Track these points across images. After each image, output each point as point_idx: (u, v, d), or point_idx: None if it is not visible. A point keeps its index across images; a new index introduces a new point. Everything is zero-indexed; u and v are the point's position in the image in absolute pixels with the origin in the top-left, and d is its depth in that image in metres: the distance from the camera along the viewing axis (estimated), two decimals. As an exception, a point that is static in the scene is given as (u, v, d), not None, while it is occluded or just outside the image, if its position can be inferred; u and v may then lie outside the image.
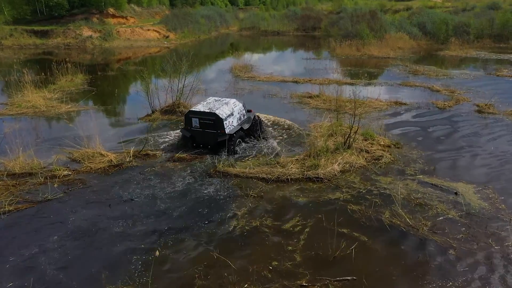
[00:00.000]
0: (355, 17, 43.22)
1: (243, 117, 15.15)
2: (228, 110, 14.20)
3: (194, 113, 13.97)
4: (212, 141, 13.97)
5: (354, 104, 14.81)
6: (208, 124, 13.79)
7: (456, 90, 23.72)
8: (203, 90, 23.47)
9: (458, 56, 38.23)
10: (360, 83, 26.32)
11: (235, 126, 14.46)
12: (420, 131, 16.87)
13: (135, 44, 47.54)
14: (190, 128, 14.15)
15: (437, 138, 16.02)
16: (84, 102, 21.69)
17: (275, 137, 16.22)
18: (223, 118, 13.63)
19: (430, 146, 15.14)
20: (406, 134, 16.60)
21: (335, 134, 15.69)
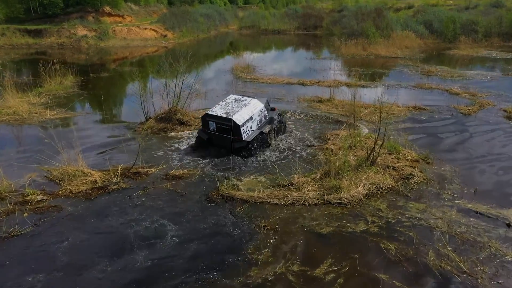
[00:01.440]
0: (360, 15, 40.98)
1: (264, 118, 13.97)
2: (247, 114, 13.03)
3: (210, 116, 12.97)
4: (228, 145, 12.93)
5: (380, 113, 12.61)
6: (225, 129, 12.81)
7: (476, 93, 21.56)
8: (203, 93, 21.28)
9: (469, 56, 36.08)
10: (371, 85, 24.17)
11: (255, 130, 13.34)
12: (448, 141, 14.74)
13: (131, 43, 45.23)
14: (207, 130, 13.22)
15: (470, 150, 13.87)
16: (71, 108, 19.44)
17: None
18: (240, 124, 12.53)
19: (465, 160, 13.00)
20: (434, 145, 14.45)
21: (355, 146, 13.54)
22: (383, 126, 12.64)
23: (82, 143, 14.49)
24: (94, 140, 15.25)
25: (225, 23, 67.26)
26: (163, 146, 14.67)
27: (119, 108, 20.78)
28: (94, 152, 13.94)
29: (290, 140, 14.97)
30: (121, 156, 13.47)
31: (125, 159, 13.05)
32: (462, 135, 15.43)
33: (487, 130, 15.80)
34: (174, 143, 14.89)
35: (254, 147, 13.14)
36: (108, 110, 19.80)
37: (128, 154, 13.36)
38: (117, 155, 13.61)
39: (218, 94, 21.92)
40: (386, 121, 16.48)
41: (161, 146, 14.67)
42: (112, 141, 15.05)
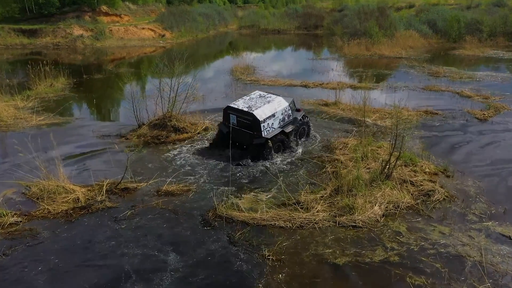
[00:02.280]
0: (362, 14, 39.62)
1: (287, 118, 13.29)
2: (269, 110, 12.52)
3: (232, 109, 12.53)
4: (247, 141, 12.51)
5: (396, 122, 11.26)
6: (245, 123, 12.36)
7: (489, 96, 20.25)
8: (200, 97, 19.94)
9: (475, 56, 34.79)
10: (377, 87, 22.84)
11: (276, 128, 12.74)
12: (466, 150, 13.43)
13: (128, 43, 43.84)
14: (228, 124, 12.68)
15: (493, 161, 12.56)
16: (60, 113, 18.08)
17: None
18: (260, 120, 12.06)
19: (488, 173, 11.69)
20: (451, 154, 13.14)
21: (366, 157, 12.22)
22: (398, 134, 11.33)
23: (66, 153, 13.19)
24: (81, 149, 13.90)
25: (224, 22, 65.84)
26: (156, 156, 13.35)
27: (111, 113, 19.36)
28: (79, 163, 12.61)
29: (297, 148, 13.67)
30: (109, 168, 12.15)
31: (114, 171, 11.73)
32: (481, 143, 14.11)
33: (507, 138, 14.47)
34: (168, 152, 13.57)
35: (271, 147, 12.52)
36: (98, 115, 18.47)
37: (117, 165, 12.04)
38: (104, 167, 12.29)
39: (217, 97, 20.61)
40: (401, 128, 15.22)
41: (154, 156, 13.35)
42: (101, 151, 13.70)
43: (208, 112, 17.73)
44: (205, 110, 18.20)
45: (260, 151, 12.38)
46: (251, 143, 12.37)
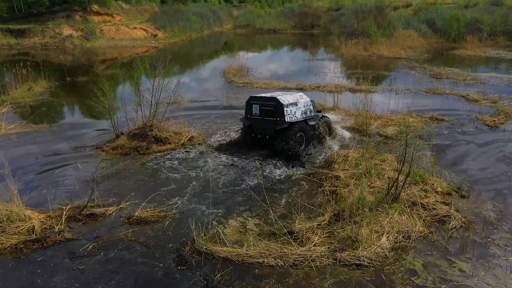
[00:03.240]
0: (360, 13, 38.09)
1: (309, 112, 13.13)
2: (291, 99, 12.47)
3: (255, 98, 12.63)
4: (270, 130, 12.32)
5: (406, 134, 9.65)
6: (268, 110, 12.25)
7: (498, 100, 18.78)
8: (188, 102, 18.36)
9: (476, 56, 33.38)
10: (378, 90, 21.32)
11: (298, 117, 12.57)
12: (479, 164, 11.89)
13: (119, 43, 42.20)
14: (250, 116, 12.69)
15: (510, 177, 11.01)
16: (33, 120, 16.45)
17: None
18: (284, 104, 11.98)
19: (509, 192, 10.13)
20: (464, 169, 11.60)
21: (369, 173, 10.66)
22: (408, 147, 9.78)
23: (29, 169, 11.56)
24: (47, 163, 12.27)
25: (219, 22, 64.33)
26: (133, 171, 11.76)
27: (89, 121, 17.63)
28: (42, 181, 10.99)
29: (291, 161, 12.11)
30: (77, 187, 10.53)
31: (83, 191, 10.14)
32: (495, 154, 12.57)
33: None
34: (147, 166, 11.99)
35: (295, 134, 12.18)
36: (75, 123, 16.81)
37: (87, 184, 10.43)
38: (72, 186, 10.67)
39: (205, 102, 19.03)
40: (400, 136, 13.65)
41: (130, 171, 11.76)
42: (70, 165, 12.09)
43: (195, 119, 16.16)
44: (192, 116, 16.65)
45: (284, 139, 12.01)
46: (275, 131, 12.11)
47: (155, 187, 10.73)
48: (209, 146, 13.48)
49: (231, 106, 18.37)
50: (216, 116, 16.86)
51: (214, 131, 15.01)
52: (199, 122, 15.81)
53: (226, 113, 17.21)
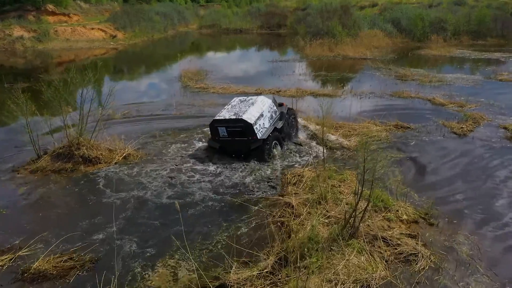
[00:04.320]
0: (325, 13, 36.82)
1: (274, 114, 12.70)
2: (256, 111, 11.79)
3: (219, 122, 11.58)
4: (244, 149, 11.69)
5: (364, 158, 8.09)
6: (237, 132, 11.49)
7: (465, 103, 17.67)
8: (129, 112, 16.39)
9: (441, 56, 32.64)
10: (341, 94, 19.91)
11: (268, 127, 12.07)
12: (450, 182, 10.53)
13: (74, 45, 39.35)
14: (218, 138, 11.80)
15: (483, 199, 9.65)
16: None
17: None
18: (252, 123, 11.26)
19: (482, 219, 8.74)
20: (432, 187, 10.23)
21: (325, 199, 9.07)
22: (367, 169, 8.23)
23: None
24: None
25: (184, 22, 61.98)
26: (53, 200, 9.80)
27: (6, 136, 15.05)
28: None
29: (237, 180, 10.41)
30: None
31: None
32: (465, 168, 11.26)
33: (496, 164, 11.61)
34: (70, 192, 10.04)
35: (270, 146, 11.85)
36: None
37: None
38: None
39: (153, 111, 17.08)
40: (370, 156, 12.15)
41: (49, 200, 9.79)
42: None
43: (136, 133, 14.20)
44: (134, 129, 14.69)
45: (259, 154, 11.60)
46: (249, 149, 11.52)
47: (77, 219, 8.86)
48: (147, 164, 11.62)
49: (181, 115, 16.49)
50: (162, 128, 14.93)
51: (157, 146, 13.11)
52: (141, 135, 13.85)
53: (174, 124, 15.32)
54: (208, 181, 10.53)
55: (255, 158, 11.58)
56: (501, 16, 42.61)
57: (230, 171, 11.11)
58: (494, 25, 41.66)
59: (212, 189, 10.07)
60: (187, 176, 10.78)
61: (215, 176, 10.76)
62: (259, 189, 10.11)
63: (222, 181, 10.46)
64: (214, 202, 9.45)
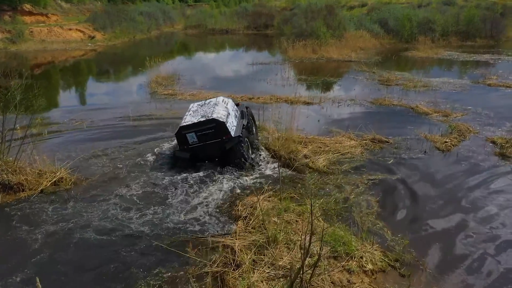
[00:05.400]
0: (309, 13, 35.15)
1: (237, 113, 12.22)
2: (223, 110, 11.25)
3: (187, 128, 10.72)
4: (218, 152, 10.90)
5: (311, 213, 6.35)
6: (209, 134, 10.74)
7: (450, 112, 16.10)
8: (81, 122, 14.60)
9: (429, 58, 31.15)
10: (318, 101, 18.25)
11: (237, 125, 11.49)
12: (430, 212, 8.90)
13: (49, 46, 37.34)
14: (188, 146, 10.84)
15: (471, 235, 8.02)
16: None
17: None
18: (224, 121, 10.64)
19: (470, 272, 7.09)
20: (408, 219, 8.58)
21: (276, 241, 7.39)
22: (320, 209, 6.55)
23: None
24: None
25: (170, 22, 60.04)
26: None
27: None
28: None
29: (181, 215, 8.70)
30: None
31: None
32: (448, 199, 9.59)
33: (484, 185, 10.03)
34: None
35: (245, 144, 11.16)
36: None
37: None
38: None
39: (106, 122, 15.30)
40: (330, 169, 10.46)
41: None
42: None
43: (79, 150, 12.41)
44: (78, 144, 12.90)
45: (235, 154, 10.79)
46: (224, 151, 10.73)
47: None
48: (80, 191, 9.87)
49: (137, 126, 14.69)
50: (112, 142, 13.16)
51: (99, 166, 11.35)
52: (82, 153, 12.08)
53: (127, 137, 13.55)
54: (152, 213, 8.81)
55: (232, 165, 10.84)
56: (490, 16, 41.22)
57: (182, 198, 9.40)
58: (483, 25, 40.30)
59: (153, 225, 8.35)
60: (125, 207, 9.05)
61: (161, 207, 9.03)
62: (204, 224, 8.39)
63: (167, 215, 8.73)
64: (146, 246, 7.72)
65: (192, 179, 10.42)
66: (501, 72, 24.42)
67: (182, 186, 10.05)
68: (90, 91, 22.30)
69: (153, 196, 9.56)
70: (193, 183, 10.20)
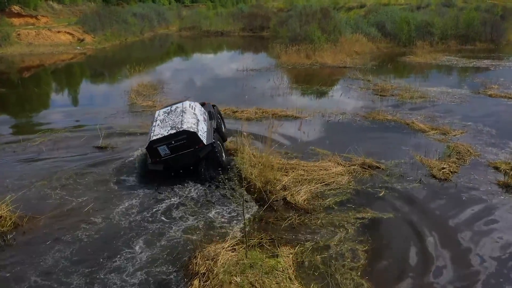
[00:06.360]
0: (304, 16, 33.64)
1: (205, 115, 11.85)
2: (192, 118, 10.81)
3: (157, 141, 10.23)
4: (192, 161, 10.49)
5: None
6: (181, 145, 10.28)
7: (448, 129, 14.65)
8: (43, 141, 13.16)
9: (427, 63, 29.69)
10: (307, 115, 16.81)
11: (207, 130, 11.10)
12: (428, 276, 7.41)
13: (36, 50, 35.84)
14: (160, 159, 10.37)
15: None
16: None
17: None
18: (195, 130, 10.27)
19: None
20: (401, 282, 7.12)
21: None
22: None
23: None
24: None
25: (165, 23, 58.54)
26: None
27: None
28: None
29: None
30: None
31: None
32: (448, 242, 8.16)
33: (491, 234, 8.51)
34: None
35: (219, 149, 11.04)
36: None
37: None
38: None
39: (69, 141, 13.84)
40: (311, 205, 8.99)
41: None
42: None
43: (33, 178, 10.97)
44: (32, 171, 11.45)
45: (211, 159, 10.68)
46: (199, 158, 10.50)
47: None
48: (21, 235, 8.45)
49: (104, 151, 13.20)
50: (74, 168, 11.71)
51: (55, 199, 9.91)
52: (36, 181, 10.65)
53: (90, 165, 12.07)
54: (103, 270, 7.39)
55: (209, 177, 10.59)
56: (490, 19, 39.75)
57: (141, 245, 7.99)
58: (483, 28, 38.86)
59: (103, 285, 6.93)
60: (74, 260, 7.63)
61: (116, 260, 7.59)
62: (158, 284, 6.97)
63: (122, 272, 7.32)
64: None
65: (159, 214, 9.14)
66: (502, 80, 23.00)
67: (147, 227, 8.65)
68: (59, 104, 20.61)
69: (110, 242, 8.11)
70: (158, 221, 8.83)
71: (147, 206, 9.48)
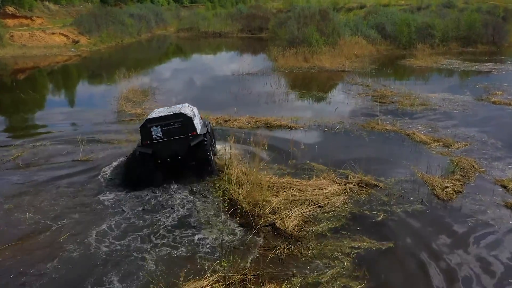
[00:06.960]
0: (302, 18, 32.70)
1: (201, 121, 11.72)
2: (190, 110, 10.94)
3: (154, 120, 10.34)
4: (183, 148, 10.46)
5: None
6: (175, 129, 10.40)
7: (451, 142, 13.74)
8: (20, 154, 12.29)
9: (428, 67, 28.78)
10: (303, 125, 15.91)
11: (201, 127, 11.17)
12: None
13: (29, 52, 34.94)
14: (151, 141, 10.30)
15: None
16: None
17: None
18: (191, 116, 10.51)
19: None
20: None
21: None
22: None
23: None
24: None
25: (163, 24, 57.62)
26: None
27: None
28: None
29: None
30: None
31: None
32: (455, 278, 7.27)
33: (503, 271, 7.63)
34: None
35: (209, 142, 10.94)
36: None
37: None
38: None
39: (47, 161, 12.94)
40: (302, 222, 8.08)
41: None
42: None
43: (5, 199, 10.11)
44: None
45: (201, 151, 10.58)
46: (188, 148, 10.40)
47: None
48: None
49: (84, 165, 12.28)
50: (49, 192, 10.79)
51: (16, 229, 9.02)
52: (5, 204, 9.78)
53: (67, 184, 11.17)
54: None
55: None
56: (492, 20, 38.80)
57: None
58: (485, 30, 37.90)
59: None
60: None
61: None
62: None
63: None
64: None
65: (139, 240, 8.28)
66: (506, 85, 22.12)
67: (124, 256, 7.78)
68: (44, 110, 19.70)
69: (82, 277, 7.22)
70: (136, 249, 7.95)
71: (127, 230, 8.63)
